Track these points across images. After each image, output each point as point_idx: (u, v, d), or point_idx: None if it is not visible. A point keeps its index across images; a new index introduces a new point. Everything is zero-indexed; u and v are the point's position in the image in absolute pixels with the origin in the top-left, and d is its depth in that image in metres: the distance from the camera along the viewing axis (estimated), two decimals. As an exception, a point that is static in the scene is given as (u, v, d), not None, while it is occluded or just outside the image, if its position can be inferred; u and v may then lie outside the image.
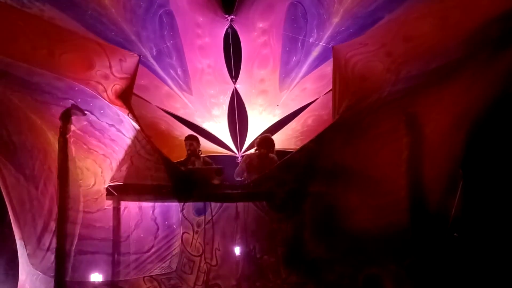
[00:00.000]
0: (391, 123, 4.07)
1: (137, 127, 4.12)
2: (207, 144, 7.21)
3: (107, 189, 4.20)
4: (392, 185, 4.06)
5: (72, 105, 4.04)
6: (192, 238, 4.23)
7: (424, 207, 4.01)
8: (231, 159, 7.43)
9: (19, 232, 4.49)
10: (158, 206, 4.31)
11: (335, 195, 4.12)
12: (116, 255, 4.15)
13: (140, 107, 5.90)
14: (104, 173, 4.26)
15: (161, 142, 5.74)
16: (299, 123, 6.98)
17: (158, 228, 4.29)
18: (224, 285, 4.14)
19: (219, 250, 4.21)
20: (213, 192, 4.33)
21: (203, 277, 4.14)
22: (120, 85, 4.24)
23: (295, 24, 5.38)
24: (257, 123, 7.20)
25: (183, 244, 4.22)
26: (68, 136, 4.07)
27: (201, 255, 4.19)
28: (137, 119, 4.17)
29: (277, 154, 5.20)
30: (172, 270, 4.18)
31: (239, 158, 7.31)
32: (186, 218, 4.25)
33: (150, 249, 4.25)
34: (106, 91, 4.11)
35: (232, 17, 5.52)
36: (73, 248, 4.10)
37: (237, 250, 4.24)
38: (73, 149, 4.14)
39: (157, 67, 5.72)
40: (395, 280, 4.00)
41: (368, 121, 4.06)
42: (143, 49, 5.10)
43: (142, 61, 5.06)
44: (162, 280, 4.15)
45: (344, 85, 4.27)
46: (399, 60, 3.90)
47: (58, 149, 4.07)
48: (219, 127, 7.31)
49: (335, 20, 4.74)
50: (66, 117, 4.04)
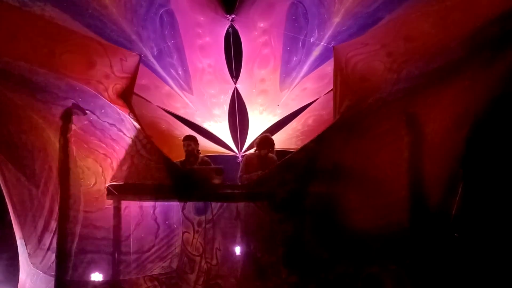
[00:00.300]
0: (392, 123, 4.06)
1: (138, 127, 4.13)
2: (208, 144, 7.22)
3: (108, 189, 4.20)
4: (393, 185, 4.06)
5: (73, 105, 4.04)
6: (193, 238, 4.23)
7: (425, 207, 4.01)
8: (232, 159, 7.45)
9: (20, 232, 4.50)
10: (159, 206, 4.31)
11: (336, 195, 4.12)
12: (117, 255, 4.14)
13: (141, 107, 5.91)
14: (105, 173, 4.26)
15: (162, 142, 5.76)
16: (300, 123, 6.99)
17: (159, 228, 4.29)
18: (225, 285, 4.13)
19: (220, 250, 4.20)
20: (214, 192, 4.33)
21: (204, 277, 4.13)
22: (121, 85, 4.25)
23: (296, 24, 5.38)
24: (258, 123, 7.21)
25: (184, 244, 4.21)
26: (69, 136, 4.07)
27: (202, 255, 4.18)
28: (138, 119, 4.18)
29: (278, 154, 5.21)
30: (173, 270, 4.18)
31: (240, 158, 7.32)
32: (187, 218, 4.25)
33: (151, 249, 4.25)
34: (107, 91, 4.12)
35: (233, 17, 5.52)
36: (74, 248, 4.09)
37: (238, 250, 4.23)
38: (74, 149, 4.14)
39: (158, 67, 5.72)
40: (395, 280, 3.99)
41: (369, 121, 4.06)
42: (144, 49, 5.10)
43: (143, 61, 5.06)
44: (163, 280, 4.15)
45: (345, 85, 4.27)
46: (400, 60, 3.91)
47: (59, 149, 4.08)
48: (220, 127, 7.32)
49: (336, 20, 4.74)
50: (67, 117, 4.05)
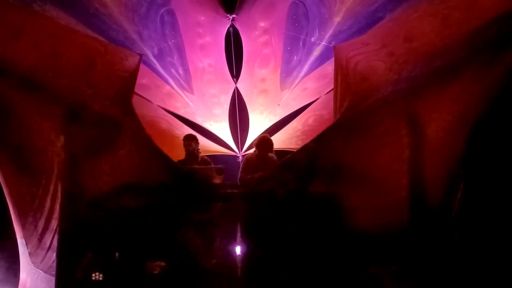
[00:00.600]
0: (392, 123, 4.06)
1: (138, 126, 4.12)
2: (208, 144, 7.22)
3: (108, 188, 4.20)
4: (393, 185, 4.06)
5: (74, 104, 4.04)
6: (193, 237, 4.23)
7: (425, 207, 4.01)
8: (232, 159, 7.45)
9: (20, 231, 4.50)
10: (159, 206, 4.30)
11: (336, 195, 4.12)
12: (117, 254, 4.14)
13: (141, 106, 5.92)
14: (105, 172, 4.25)
15: (162, 141, 5.75)
16: (300, 123, 6.99)
17: (159, 227, 4.29)
18: (225, 285, 4.14)
19: (220, 250, 4.21)
20: (214, 192, 4.33)
21: (204, 277, 4.14)
22: (122, 84, 4.24)
23: (297, 23, 5.39)
24: (258, 123, 7.21)
25: (184, 244, 4.21)
26: (70, 135, 4.07)
27: (202, 255, 4.19)
28: (138, 118, 4.17)
29: (278, 154, 5.21)
30: (173, 269, 4.18)
31: (240, 158, 7.32)
32: (187, 218, 4.25)
33: (151, 248, 4.24)
34: (107, 90, 4.11)
35: (234, 16, 5.53)
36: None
37: (238, 250, 4.23)
38: (75, 148, 4.13)
39: (159, 66, 5.72)
40: (395, 280, 3.99)
41: (369, 121, 4.06)
42: (145, 48, 5.11)
43: (144, 60, 5.07)
44: (163, 279, 4.15)
45: (346, 85, 4.27)
46: (401, 60, 3.90)
47: (60, 148, 4.08)
48: (220, 127, 7.32)
49: (337, 20, 4.74)
50: (68, 116, 4.04)
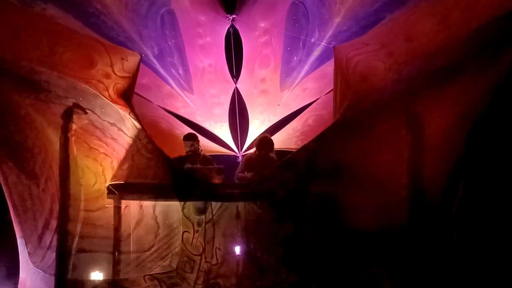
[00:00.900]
0: (392, 123, 4.06)
1: (138, 126, 4.13)
2: (208, 144, 7.22)
3: (108, 188, 4.20)
4: (393, 185, 4.06)
5: (74, 104, 4.03)
6: (193, 237, 4.23)
7: (425, 207, 4.01)
8: (232, 159, 7.44)
9: (20, 231, 4.51)
10: (159, 205, 4.31)
11: (336, 195, 4.12)
12: (117, 254, 4.14)
13: (141, 106, 5.91)
14: (105, 172, 4.26)
15: (162, 141, 5.74)
16: (300, 123, 6.98)
17: (159, 227, 4.29)
18: (224, 284, 4.14)
19: (220, 249, 4.21)
20: (214, 191, 4.33)
21: (204, 276, 4.14)
22: (122, 84, 4.25)
23: (297, 24, 5.39)
24: (258, 123, 7.20)
25: (184, 243, 4.22)
26: (70, 135, 4.07)
27: (202, 254, 4.19)
28: (138, 118, 4.17)
29: (278, 154, 5.21)
30: (173, 269, 4.18)
31: (240, 158, 7.32)
32: (187, 217, 4.25)
33: (151, 248, 4.25)
34: (108, 90, 4.11)
35: (234, 17, 5.53)
36: (74, 247, 4.09)
37: (238, 249, 4.23)
38: (74, 148, 4.13)
39: (159, 66, 5.72)
40: (395, 280, 3.99)
41: (369, 121, 4.06)
42: (145, 48, 5.10)
43: (144, 60, 5.07)
44: (163, 279, 4.15)
45: (346, 85, 4.27)
46: (401, 60, 3.90)
47: (59, 148, 4.08)
48: (220, 127, 7.32)
49: (337, 20, 4.74)
50: (68, 116, 4.04)
